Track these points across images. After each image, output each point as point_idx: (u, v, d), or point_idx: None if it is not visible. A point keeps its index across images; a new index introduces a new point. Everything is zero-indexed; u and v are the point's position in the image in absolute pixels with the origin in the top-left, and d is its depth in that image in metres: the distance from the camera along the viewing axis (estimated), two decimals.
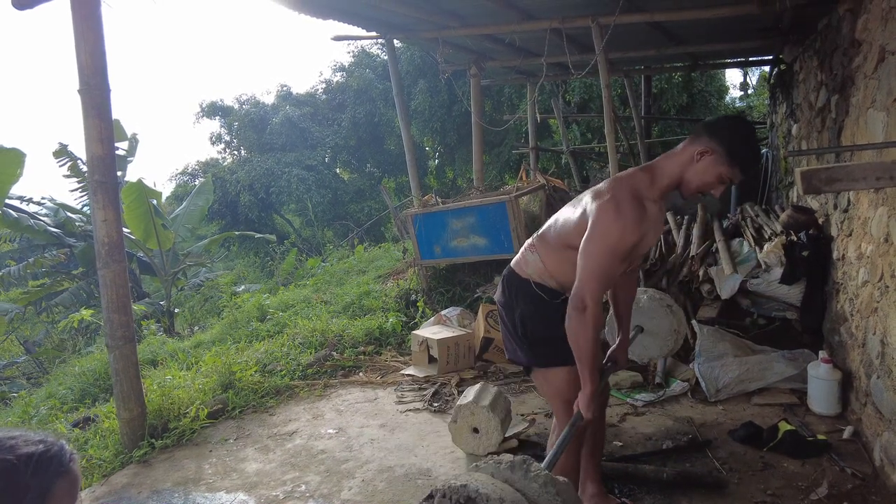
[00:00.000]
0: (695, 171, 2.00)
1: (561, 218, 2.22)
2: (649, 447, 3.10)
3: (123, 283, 3.46)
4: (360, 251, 8.89)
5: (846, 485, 2.65)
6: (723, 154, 1.95)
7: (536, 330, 2.23)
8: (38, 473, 0.84)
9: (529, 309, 2.24)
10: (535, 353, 2.26)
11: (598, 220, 1.98)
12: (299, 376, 4.41)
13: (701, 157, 1.97)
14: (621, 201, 1.96)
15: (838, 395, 3.32)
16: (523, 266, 2.29)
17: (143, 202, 9.50)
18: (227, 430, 3.70)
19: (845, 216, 3.59)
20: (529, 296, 2.24)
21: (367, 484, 2.93)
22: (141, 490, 3.06)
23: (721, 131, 1.97)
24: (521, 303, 2.26)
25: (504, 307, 2.34)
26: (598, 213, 1.99)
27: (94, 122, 3.26)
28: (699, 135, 2.02)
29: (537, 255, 2.24)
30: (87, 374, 4.80)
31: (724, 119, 2.11)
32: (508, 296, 2.32)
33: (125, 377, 3.46)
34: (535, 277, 2.24)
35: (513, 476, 1.41)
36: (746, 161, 1.98)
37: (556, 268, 2.20)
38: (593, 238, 1.98)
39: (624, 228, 1.94)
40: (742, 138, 1.97)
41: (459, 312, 4.87)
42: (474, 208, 5.14)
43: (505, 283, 2.35)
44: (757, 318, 4.19)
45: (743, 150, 1.96)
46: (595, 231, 1.98)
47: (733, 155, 1.95)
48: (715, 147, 1.95)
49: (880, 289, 2.86)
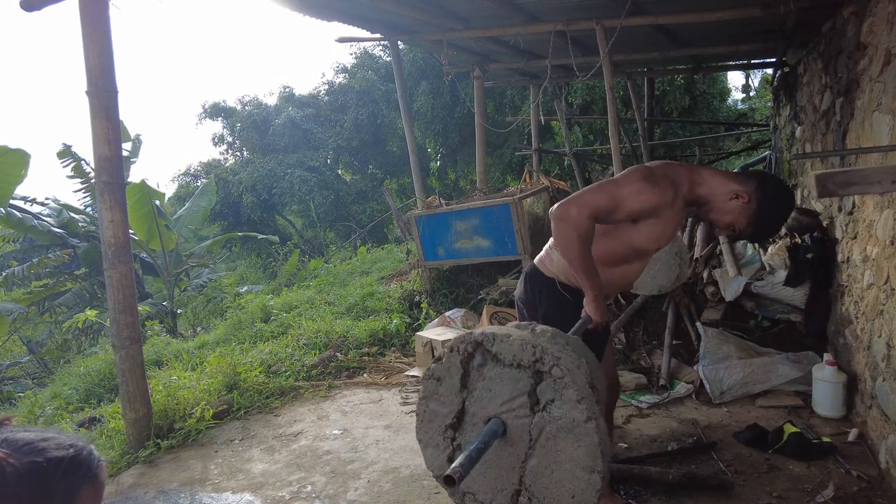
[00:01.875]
0: (722, 204, 2.01)
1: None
2: (654, 449, 3.10)
3: (130, 283, 3.47)
4: (362, 252, 8.90)
5: (852, 487, 2.65)
6: (753, 209, 1.97)
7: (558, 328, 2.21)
8: (66, 478, 0.85)
9: (553, 311, 2.18)
10: None
11: (626, 172, 2.02)
12: (304, 377, 4.42)
13: (736, 198, 1.98)
14: (656, 172, 1.99)
15: (843, 397, 3.32)
16: (547, 264, 2.22)
17: (147, 203, 9.52)
18: (232, 431, 3.71)
19: (850, 219, 3.58)
20: (554, 296, 2.18)
21: (373, 485, 2.94)
22: (147, 490, 3.07)
23: (768, 190, 1.99)
24: (545, 303, 2.20)
25: (526, 305, 2.28)
26: (630, 169, 2.03)
27: (102, 124, 3.27)
28: (750, 178, 2.02)
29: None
30: (91, 375, 4.82)
31: (777, 182, 2.11)
32: (531, 294, 2.26)
33: (131, 378, 3.47)
34: (561, 277, 2.19)
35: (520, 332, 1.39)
36: (762, 230, 2.02)
37: None
38: (609, 181, 1.99)
39: (644, 188, 1.94)
40: (777, 210, 1.99)
41: (463, 314, 4.88)
42: (478, 210, 5.15)
43: (528, 281, 2.29)
44: (761, 321, 4.19)
45: (769, 219, 1.99)
46: (614, 179, 2.00)
47: (759, 217, 1.97)
48: (752, 199, 1.97)
49: (886, 291, 2.86)
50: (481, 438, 1.19)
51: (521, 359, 1.23)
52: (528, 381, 1.21)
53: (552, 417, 1.19)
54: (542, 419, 1.20)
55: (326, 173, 16.40)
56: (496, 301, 4.97)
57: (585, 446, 1.15)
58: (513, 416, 1.23)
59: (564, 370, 1.18)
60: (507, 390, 1.24)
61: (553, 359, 1.20)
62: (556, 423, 1.18)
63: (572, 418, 1.17)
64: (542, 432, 1.20)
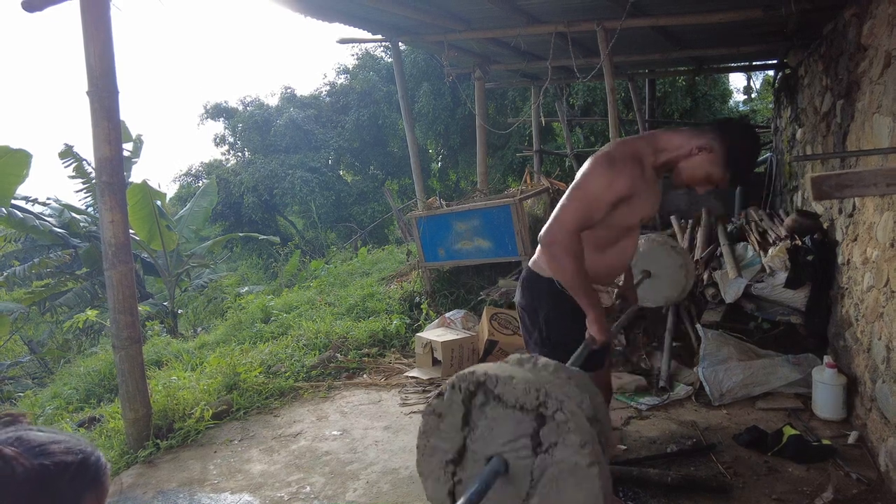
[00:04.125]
0: (688, 163, 2.00)
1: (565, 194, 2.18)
2: (653, 451, 3.10)
3: (130, 284, 3.47)
4: (363, 253, 8.91)
5: (851, 490, 2.64)
6: (720, 156, 1.95)
7: (561, 332, 2.16)
8: (72, 482, 0.86)
9: (555, 311, 2.16)
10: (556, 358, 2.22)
11: (589, 168, 1.98)
12: (303, 378, 4.42)
13: (699, 152, 1.97)
14: (616, 156, 1.96)
15: (843, 399, 3.31)
16: (542, 264, 2.19)
17: (148, 203, 9.54)
18: (231, 431, 3.71)
19: (850, 221, 3.58)
20: (553, 295, 2.15)
21: (372, 486, 2.94)
22: (146, 490, 3.07)
23: (725, 133, 1.96)
24: (546, 304, 2.17)
25: (527, 310, 2.25)
26: (591, 163, 1.99)
27: (103, 124, 3.28)
28: (704, 130, 2.01)
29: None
30: (92, 375, 4.82)
31: (731, 122, 2.08)
32: (530, 298, 2.23)
33: (131, 378, 3.48)
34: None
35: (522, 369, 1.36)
36: (740, 171, 1.98)
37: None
38: (579, 183, 1.97)
39: (613, 178, 1.92)
40: (744, 147, 1.96)
41: (463, 315, 4.88)
42: (478, 211, 5.15)
43: (525, 286, 2.26)
44: (761, 323, 4.18)
45: (741, 158, 1.96)
46: (583, 177, 1.97)
47: (730, 160, 1.94)
48: (715, 147, 1.95)
49: (886, 294, 2.86)
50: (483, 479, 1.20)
51: (525, 402, 1.23)
52: (531, 424, 1.22)
53: (555, 460, 1.20)
54: (545, 461, 1.21)
55: (328, 174, 16.42)
56: (496, 302, 4.97)
57: (587, 490, 1.17)
58: (514, 455, 1.24)
59: (568, 415, 1.19)
60: (510, 431, 1.24)
61: (556, 403, 1.20)
62: (558, 466, 1.20)
63: (575, 462, 1.17)
64: (545, 474, 1.22)
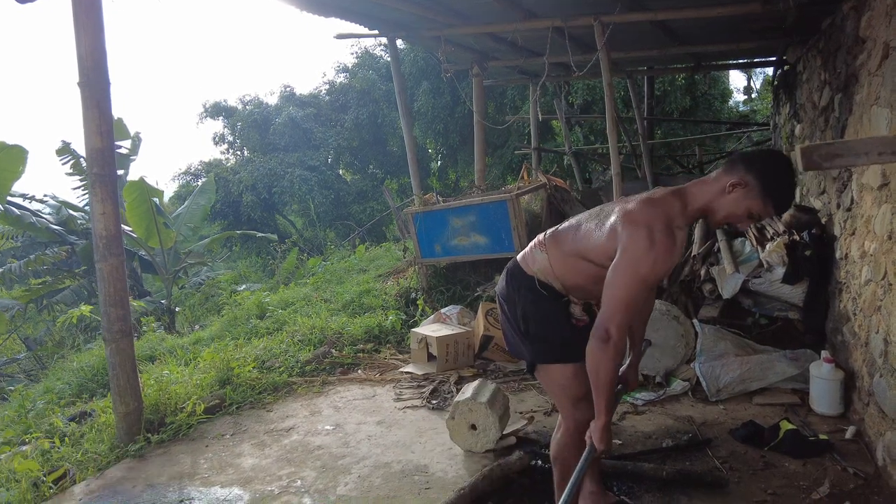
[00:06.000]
0: (724, 203, 1.93)
1: (583, 227, 2.12)
2: (649, 446, 3.07)
3: (121, 276, 3.44)
4: (361, 251, 8.87)
5: (848, 484, 2.61)
6: (756, 188, 1.88)
7: (538, 328, 2.19)
8: None
9: (531, 307, 2.18)
10: (536, 350, 2.22)
11: (629, 249, 1.89)
12: (298, 373, 4.38)
13: (733, 189, 1.91)
14: (655, 231, 1.87)
15: (840, 394, 3.28)
16: (529, 263, 2.22)
17: (146, 200, 9.51)
18: (223, 426, 3.68)
19: (848, 215, 3.55)
20: (532, 293, 2.18)
21: (364, 480, 2.91)
22: (136, 484, 3.04)
23: (757, 165, 1.90)
24: (524, 299, 2.20)
25: (506, 301, 2.28)
26: (630, 242, 1.89)
27: (94, 115, 3.25)
28: (734, 165, 1.95)
29: (546, 255, 2.17)
30: (85, 370, 4.79)
31: (761, 153, 2.03)
32: (511, 290, 2.25)
33: (122, 371, 3.45)
34: (540, 276, 2.17)
35: None
36: (780, 199, 1.91)
37: (564, 273, 2.13)
38: (624, 268, 1.89)
39: (656, 261, 1.86)
40: (778, 175, 1.90)
41: (459, 311, 4.85)
42: (475, 207, 5.13)
43: (508, 277, 2.29)
44: (759, 318, 4.15)
45: (778, 187, 1.89)
46: (626, 261, 1.89)
47: (767, 191, 1.88)
48: (749, 180, 1.89)
49: (883, 287, 2.83)
50: None
51: None
52: None
53: None
54: None
55: (327, 173, 16.38)
56: (492, 298, 4.94)
57: None
58: None
59: None
60: None
61: None
62: None
63: None
64: None
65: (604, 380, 1.92)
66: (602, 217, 2.06)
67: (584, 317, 2.22)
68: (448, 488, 2.67)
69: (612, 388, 1.96)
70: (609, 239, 1.97)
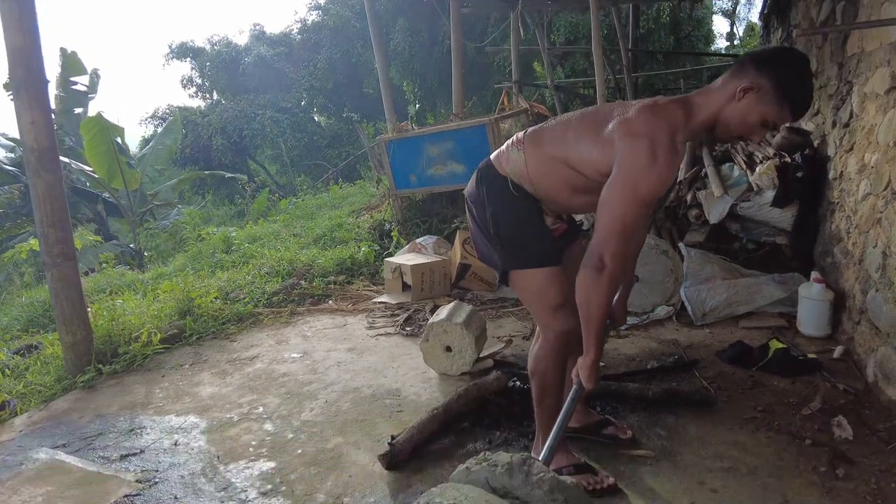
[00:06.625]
0: (735, 112, 1.68)
1: (572, 130, 1.86)
2: (633, 367, 2.92)
3: (59, 194, 3.12)
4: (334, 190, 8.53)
5: (839, 400, 2.50)
6: (770, 92, 1.64)
7: (509, 228, 1.97)
8: None
9: (502, 208, 1.95)
10: (508, 255, 2.00)
11: (629, 164, 1.65)
12: (264, 304, 4.14)
13: (744, 95, 1.66)
14: (658, 145, 1.63)
15: (829, 315, 3.17)
16: (503, 162, 1.97)
17: (106, 139, 8.99)
18: (182, 356, 3.45)
19: (845, 131, 3.39)
20: (503, 193, 1.95)
21: (331, 405, 2.72)
22: (83, 414, 2.81)
23: (771, 64, 1.65)
24: (494, 200, 1.97)
25: (475, 203, 2.05)
26: (630, 156, 1.65)
27: (12, 7, 2.84)
28: (744, 68, 1.68)
29: (523, 155, 1.92)
30: (35, 305, 4.50)
31: (774, 50, 1.76)
32: (481, 191, 2.01)
33: (65, 298, 3.17)
34: (514, 177, 1.94)
35: (511, 482, 1.22)
36: (798, 101, 1.67)
37: (540, 178, 1.89)
38: (622, 186, 1.65)
39: (659, 178, 1.62)
40: (794, 74, 1.65)
41: (436, 241, 4.62)
42: (452, 133, 4.83)
43: (479, 177, 2.05)
44: (746, 243, 4.01)
45: (796, 87, 1.65)
46: (624, 178, 1.65)
47: (784, 93, 1.63)
48: (762, 83, 1.64)
49: (885, 198, 2.68)
50: None
51: None
52: None
53: None
54: None
55: (299, 115, 15.79)
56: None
57: None
58: None
59: None
60: None
61: None
62: None
63: None
64: None
65: (595, 314, 1.72)
66: (598, 122, 1.79)
67: (557, 224, 2.01)
68: (421, 411, 2.48)
69: (603, 322, 1.76)
70: (604, 150, 1.72)
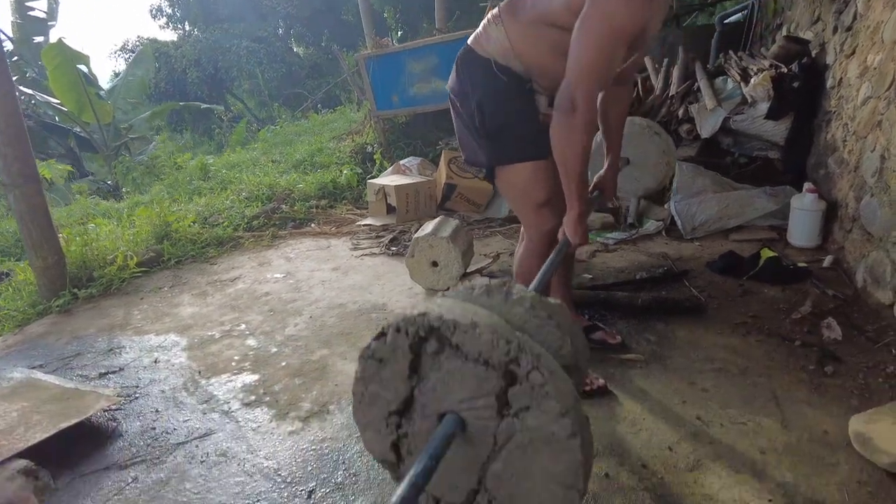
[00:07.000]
0: None
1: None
2: (622, 279, 2.88)
3: (13, 111, 2.91)
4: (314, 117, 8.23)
5: (828, 304, 2.49)
6: None
7: (496, 120, 1.83)
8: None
9: (488, 95, 1.81)
10: (494, 149, 1.87)
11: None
12: (244, 228, 4.02)
13: None
14: None
15: (820, 226, 3.13)
16: (484, 43, 1.81)
17: (71, 69, 8.52)
18: (161, 279, 3.35)
19: (847, 35, 3.25)
20: (489, 77, 1.79)
21: (315, 320, 2.66)
22: (60, 337, 2.73)
23: None
24: (480, 87, 1.82)
25: (458, 96, 1.91)
26: None
27: None
28: None
29: (503, 28, 1.76)
30: (6, 235, 4.33)
31: None
32: (463, 80, 1.87)
33: (32, 222, 3.02)
34: (498, 58, 1.78)
35: (490, 301, 1.13)
36: None
37: (526, 48, 1.74)
38: (592, 18, 1.50)
39: (634, 7, 1.48)
40: None
41: (420, 162, 4.47)
42: (435, 47, 4.59)
43: (459, 66, 1.89)
44: (738, 158, 3.92)
45: None
46: (596, 9, 1.50)
47: None
48: None
49: (887, 99, 2.59)
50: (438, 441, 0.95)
51: (490, 356, 0.96)
52: (498, 382, 0.97)
53: (525, 426, 0.98)
54: (512, 426, 0.99)
55: (276, 45, 15.10)
56: (456, 149, 4.56)
57: (565, 462, 0.96)
58: (474, 414, 1.01)
59: (545, 376, 0.93)
60: (470, 387, 0.99)
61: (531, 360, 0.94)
62: (529, 433, 0.97)
63: (551, 432, 0.95)
64: (511, 439, 1.00)
65: (572, 162, 1.60)
66: None
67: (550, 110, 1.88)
68: None
69: (584, 171, 1.63)
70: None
